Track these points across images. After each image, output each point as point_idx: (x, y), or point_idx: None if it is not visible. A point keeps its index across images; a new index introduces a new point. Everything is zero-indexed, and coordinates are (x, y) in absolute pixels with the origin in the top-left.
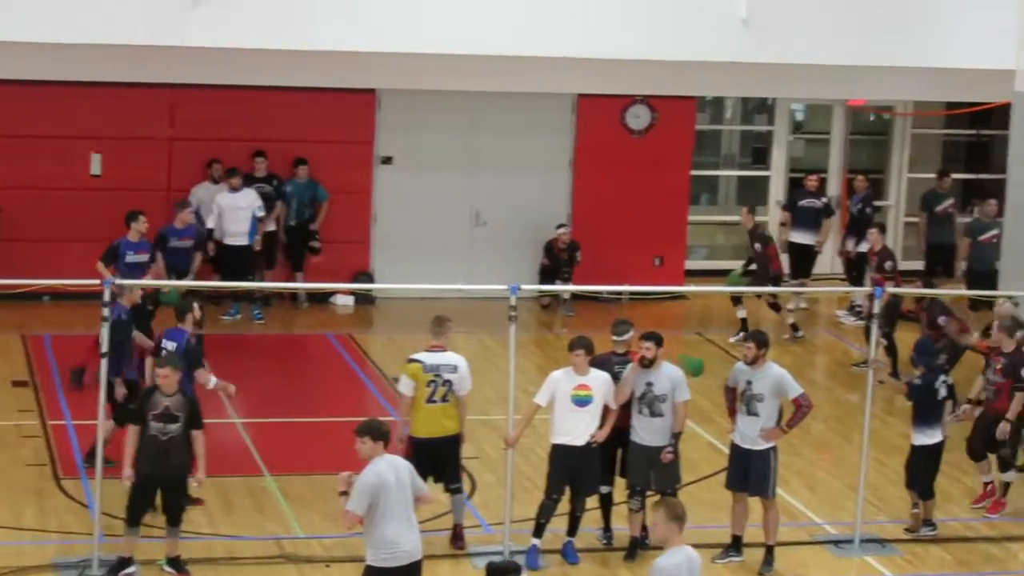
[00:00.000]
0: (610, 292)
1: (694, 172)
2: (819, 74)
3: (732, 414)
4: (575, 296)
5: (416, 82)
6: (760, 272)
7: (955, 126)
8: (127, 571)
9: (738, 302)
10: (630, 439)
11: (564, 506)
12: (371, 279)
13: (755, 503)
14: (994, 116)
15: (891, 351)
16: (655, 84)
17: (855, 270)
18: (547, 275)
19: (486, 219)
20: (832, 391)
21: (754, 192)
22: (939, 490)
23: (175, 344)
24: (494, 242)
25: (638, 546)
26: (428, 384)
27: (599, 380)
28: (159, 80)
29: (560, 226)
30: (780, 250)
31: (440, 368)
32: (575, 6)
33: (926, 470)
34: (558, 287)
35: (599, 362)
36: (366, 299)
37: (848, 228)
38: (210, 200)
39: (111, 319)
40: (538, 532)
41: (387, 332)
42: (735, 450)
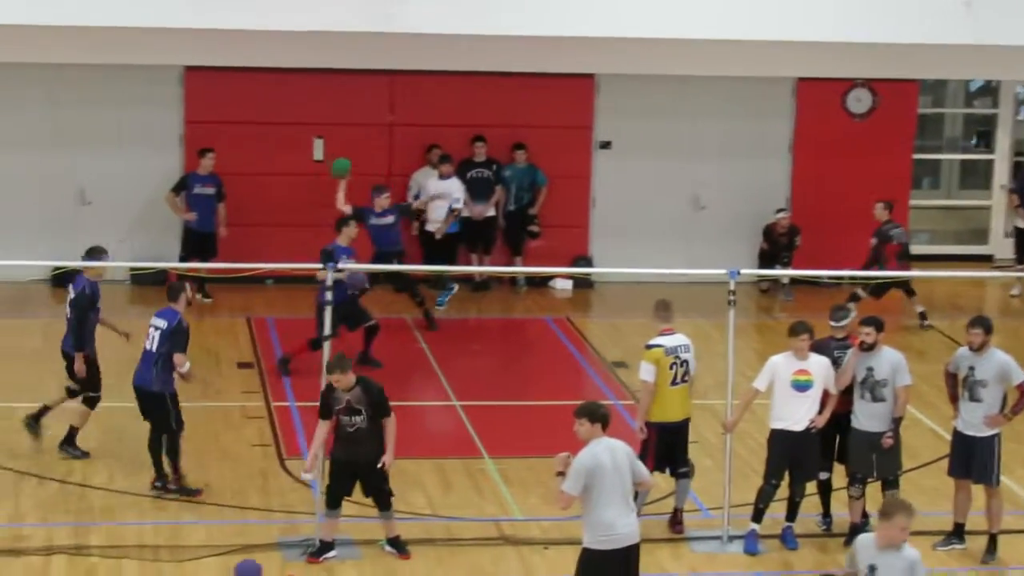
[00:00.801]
0: (830, 277)
1: (916, 156)
2: None
3: (954, 400)
4: (794, 281)
5: (635, 66)
6: (867, 266)
7: None
8: (328, 555)
9: (912, 294)
10: (851, 425)
11: (783, 491)
12: (590, 263)
13: (978, 491)
14: None
15: None
16: (877, 67)
17: None
18: (766, 259)
19: (705, 203)
20: None
21: (978, 176)
22: None
23: (166, 323)
24: (713, 226)
25: (858, 532)
26: (671, 367)
27: (819, 365)
28: (380, 66)
29: (779, 210)
30: (1006, 235)
31: (679, 350)
32: None
33: None
34: (778, 271)
35: (819, 347)
36: (585, 283)
37: None
38: (432, 189)
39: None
40: (757, 517)
41: (606, 316)
42: (958, 437)
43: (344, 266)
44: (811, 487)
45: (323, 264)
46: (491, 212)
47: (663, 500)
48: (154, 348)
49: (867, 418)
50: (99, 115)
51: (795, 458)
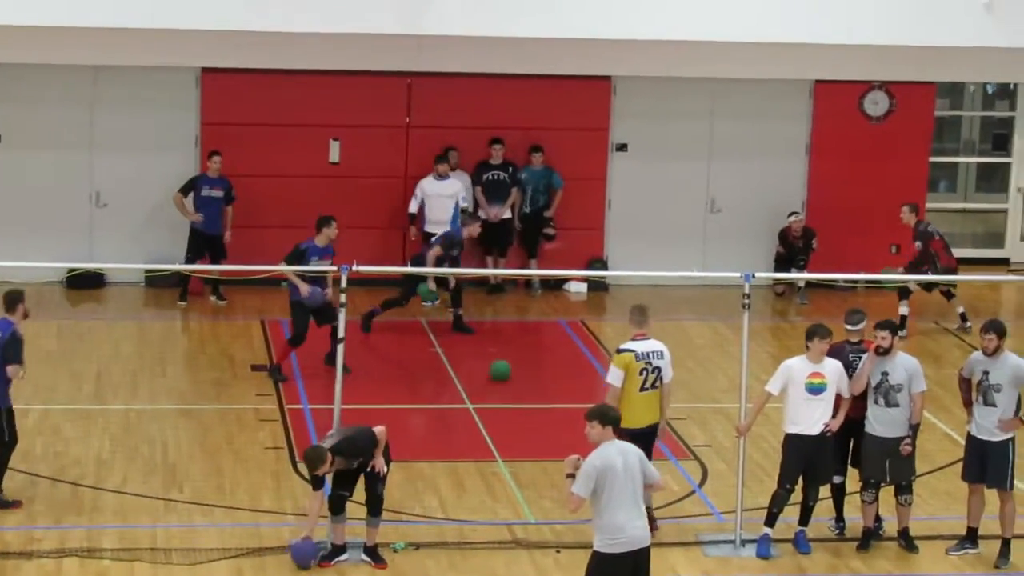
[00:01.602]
0: (846, 280)
1: (933, 159)
2: None
3: (967, 405)
4: (810, 284)
5: (652, 69)
6: (917, 268)
7: None
8: (340, 558)
9: (904, 296)
10: (865, 430)
11: (796, 495)
12: (605, 266)
13: (992, 495)
14: None
15: None
16: (894, 70)
17: None
18: (782, 263)
19: (721, 206)
20: None
21: (994, 179)
22: None
23: (0, 334)
24: (729, 229)
25: (871, 537)
26: (640, 372)
27: (833, 369)
28: (397, 68)
29: (792, 213)
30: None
31: (650, 356)
32: None
33: None
34: (793, 275)
35: (834, 351)
36: (599, 286)
37: None
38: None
39: None
40: (770, 521)
41: (620, 319)
42: (972, 441)
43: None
44: (824, 491)
45: (288, 260)
46: (507, 214)
47: (673, 504)
48: None
49: (881, 423)
50: (115, 117)
51: (809, 462)
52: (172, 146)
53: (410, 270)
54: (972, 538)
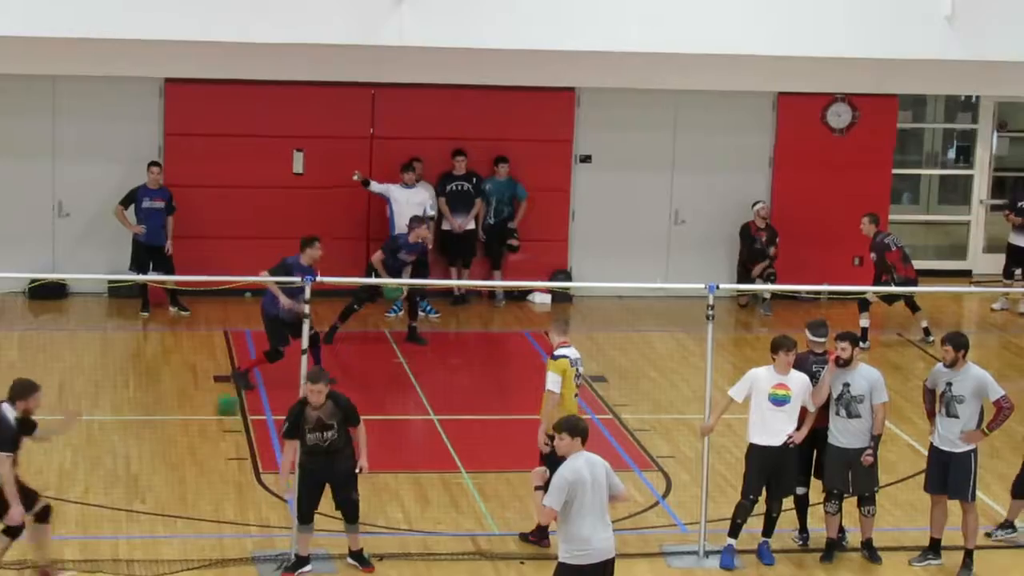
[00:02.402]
0: (809, 292)
1: (896, 171)
2: None
3: (931, 416)
4: (774, 295)
5: (616, 80)
6: (876, 281)
7: None
8: (304, 570)
9: (864, 308)
10: (827, 441)
11: (760, 506)
12: (569, 277)
13: (954, 506)
14: None
15: None
16: (857, 82)
17: None
18: (744, 265)
19: (685, 218)
20: None
21: (957, 191)
22: None
23: None
24: (692, 241)
25: (835, 548)
26: (575, 378)
27: (797, 381)
28: (361, 79)
29: (757, 203)
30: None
31: (578, 362)
32: (776, 4)
33: None
34: (757, 286)
35: (797, 361)
36: (564, 297)
37: None
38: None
39: None
40: (734, 532)
41: (584, 330)
42: (934, 452)
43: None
44: (788, 502)
45: (273, 273)
46: (471, 225)
47: (638, 515)
48: None
49: (843, 434)
50: (78, 127)
51: (773, 473)
52: (135, 156)
53: (374, 281)
54: (935, 549)
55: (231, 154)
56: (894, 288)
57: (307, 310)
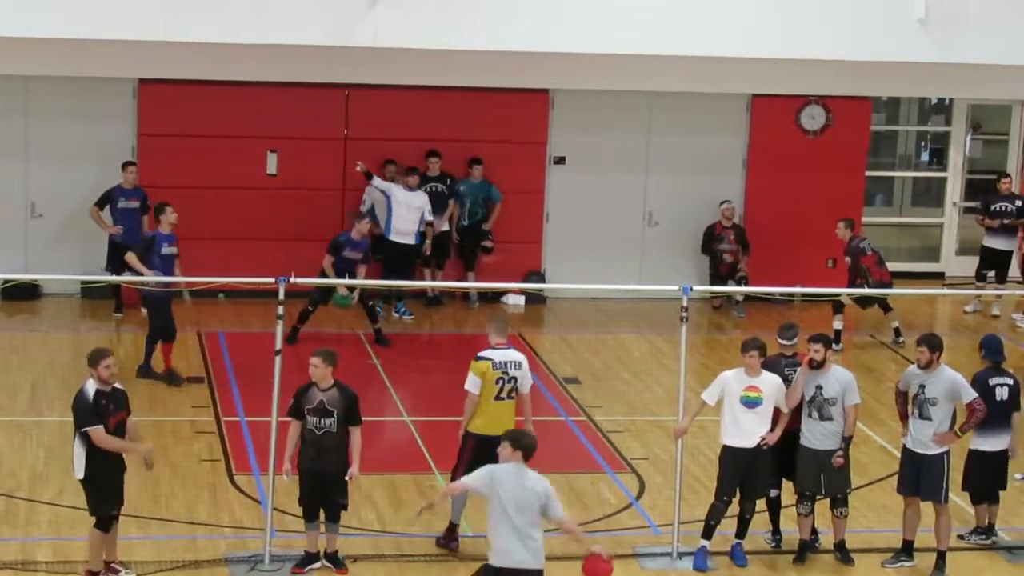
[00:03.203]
0: (782, 294)
1: (869, 173)
2: (998, 74)
3: (904, 418)
4: (747, 297)
5: (590, 82)
6: (850, 283)
7: None
8: (312, 566)
9: (839, 311)
10: (800, 443)
11: (733, 508)
12: (543, 279)
13: (927, 508)
14: None
15: None
16: (830, 84)
17: None
18: (716, 269)
19: (658, 219)
20: None
21: (930, 194)
22: None
23: None
24: (666, 242)
25: (807, 549)
26: (496, 381)
27: (769, 383)
28: (335, 80)
29: (724, 202)
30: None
31: (508, 365)
32: (750, 6)
33: None
34: (730, 288)
35: (768, 364)
36: (537, 299)
37: None
38: (382, 199)
39: None
40: (707, 534)
41: (558, 332)
42: (907, 454)
43: (297, 280)
44: (761, 504)
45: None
46: (444, 227)
47: (614, 516)
48: None
49: (815, 436)
50: (51, 127)
51: (746, 475)
52: (109, 157)
53: (348, 282)
54: (908, 551)
55: (205, 155)
56: (867, 291)
57: (281, 311)
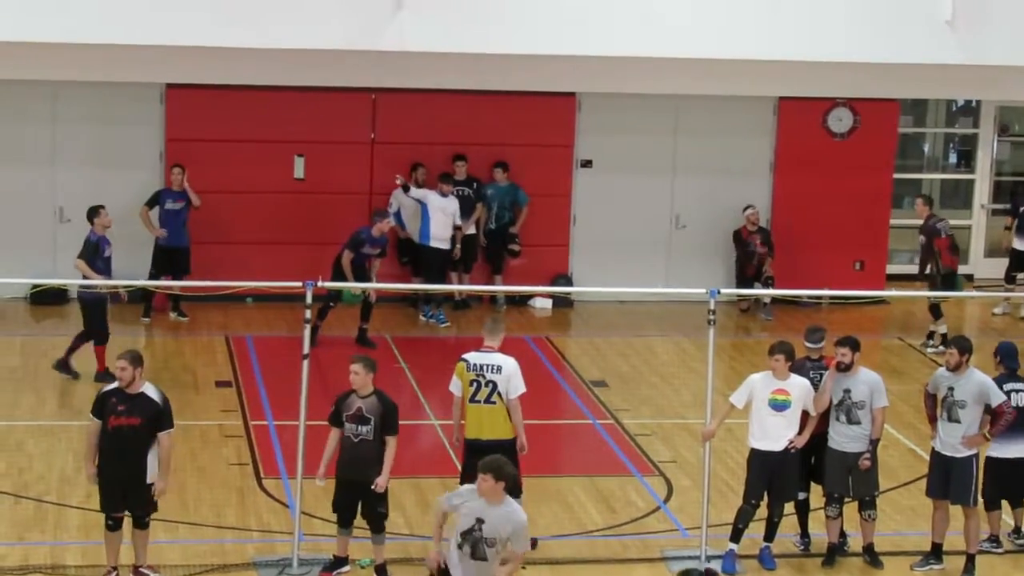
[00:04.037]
0: (810, 296)
1: (897, 175)
2: None
3: (932, 421)
4: (774, 300)
5: (616, 85)
6: (921, 265)
7: None
8: (341, 570)
9: (938, 316)
10: (827, 446)
11: (761, 511)
12: (570, 282)
13: (956, 510)
14: None
15: None
16: (858, 87)
17: None
18: (743, 272)
19: (685, 222)
20: None
21: (958, 196)
22: None
23: None
24: (693, 245)
25: (836, 552)
26: (471, 383)
27: (798, 386)
28: (361, 84)
29: (748, 207)
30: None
31: (484, 368)
32: (776, 8)
33: None
34: (758, 291)
35: (794, 367)
36: (564, 302)
37: None
38: (411, 204)
39: None
40: (735, 537)
41: (585, 335)
42: (936, 457)
43: (324, 284)
44: (789, 507)
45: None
46: (472, 230)
47: (639, 521)
48: None
49: (843, 439)
50: (79, 132)
51: (774, 478)
52: (137, 162)
53: (373, 286)
54: (936, 554)
55: (232, 159)
56: (886, 292)
57: (308, 315)
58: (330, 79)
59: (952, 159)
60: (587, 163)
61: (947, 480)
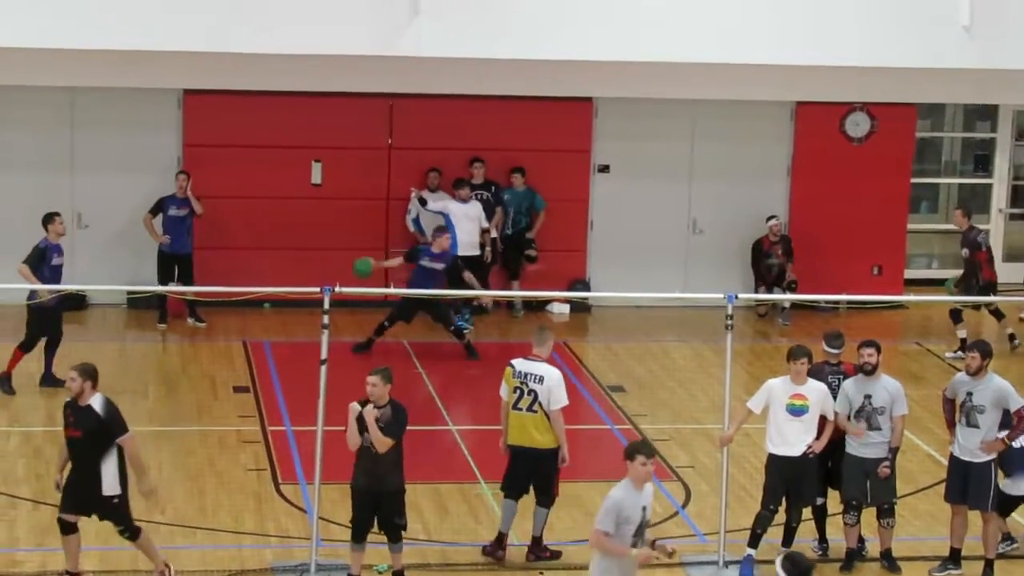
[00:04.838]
0: (828, 301)
1: (914, 180)
2: None
3: (951, 426)
4: (793, 305)
5: (633, 90)
6: (964, 279)
7: None
8: None
9: (958, 321)
10: (846, 451)
11: (779, 517)
12: (587, 287)
13: (975, 515)
14: None
15: None
16: (875, 91)
17: None
18: (760, 278)
19: (703, 227)
20: None
21: (976, 200)
22: None
23: None
24: (711, 250)
25: (854, 558)
26: (515, 390)
27: (816, 391)
28: (379, 90)
29: (771, 217)
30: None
31: (527, 376)
32: (794, 13)
33: None
34: (776, 296)
35: (812, 372)
36: (582, 307)
37: None
38: (442, 220)
39: None
40: (753, 543)
41: (603, 340)
42: (954, 462)
43: (342, 289)
44: (807, 512)
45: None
46: (494, 234)
47: (660, 525)
48: None
49: (863, 445)
50: (97, 138)
51: (792, 483)
52: (154, 167)
53: (393, 291)
54: (955, 559)
55: (250, 165)
56: (904, 297)
57: (326, 320)
58: (348, 85)
59: (970, 164)
60: (604, 168)
61: (965, 485)
